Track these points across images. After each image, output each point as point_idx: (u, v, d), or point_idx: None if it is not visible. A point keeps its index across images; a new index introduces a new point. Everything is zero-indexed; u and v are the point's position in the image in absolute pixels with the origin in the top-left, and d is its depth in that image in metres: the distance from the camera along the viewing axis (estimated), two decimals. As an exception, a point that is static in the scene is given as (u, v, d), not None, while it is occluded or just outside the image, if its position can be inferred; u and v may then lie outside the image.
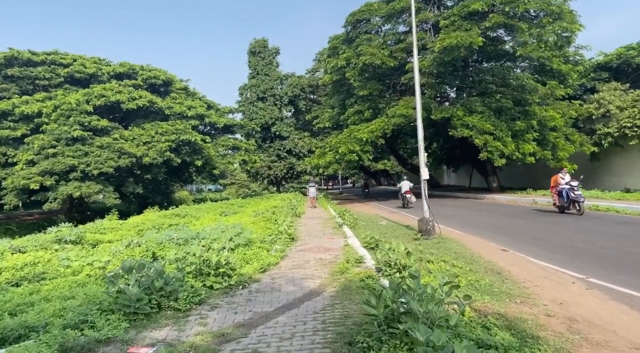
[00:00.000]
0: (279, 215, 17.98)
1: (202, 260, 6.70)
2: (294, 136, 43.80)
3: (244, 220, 17.32)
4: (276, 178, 45.07)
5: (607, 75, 28.05)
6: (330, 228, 14.34)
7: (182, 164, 32.60)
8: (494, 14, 21.70)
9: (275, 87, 44.63)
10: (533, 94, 25.71)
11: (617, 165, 27.83)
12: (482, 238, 11.26)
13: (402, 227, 14.20)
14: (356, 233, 12.90)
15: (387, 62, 25.27)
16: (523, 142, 24.87)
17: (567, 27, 21.26)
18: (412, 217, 17.78)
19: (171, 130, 29.47)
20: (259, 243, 10.00)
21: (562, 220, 13.96)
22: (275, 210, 20.19)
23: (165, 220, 18.72)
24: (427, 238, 11.22)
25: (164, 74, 33.22)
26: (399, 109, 24.97)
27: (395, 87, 27.12)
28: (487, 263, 7.97)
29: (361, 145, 25.37)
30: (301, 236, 12.54)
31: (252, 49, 45.23)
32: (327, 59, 29.45)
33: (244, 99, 45.28)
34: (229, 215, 22.21)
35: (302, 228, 14.46)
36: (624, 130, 25.22)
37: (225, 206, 26.97)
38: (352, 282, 6.62)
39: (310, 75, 45.93)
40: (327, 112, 38.36)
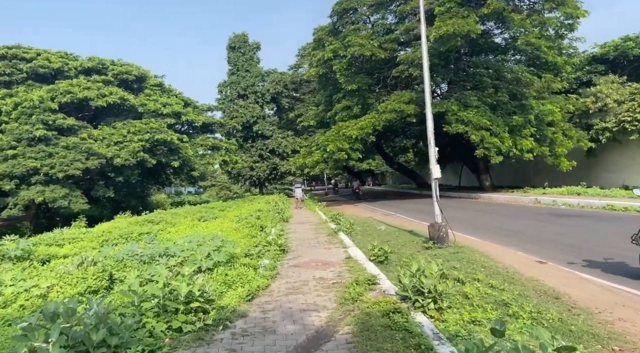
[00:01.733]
0: (264, 221, 16.20)
1: (169, 291, 4.90)
2: (277, 135, 41.89)
3: (225, 227, 15.47)
4: (259, 179, 43.11)
5: (604, 68, 26.99)
6: (325, 235, 12.61)
7: (157, 166, 30.46)
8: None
9: (257, 83, 42.67)
10: (529, 88, 24.43)
11: (614, 162, 26.75)
12: (503, 245, 9.68)
13: (405, 232, 12.56)
14: (355, 241, 11.20)
15: (377, 53, 23.66)
16: (520, 138, 23.59)
17: (571, 13, 19.96)
18: (413, 220, 16.19)
19: (145, 129, 27.35)
20: (243, 258, 8.22)
21: (584, 222, 12.50)
22: (260, 214, 18.38)
23: (135, 227, 16.73)
24: (441, 247, 9.59)
25: (136, 69, 31.01)
26: (390, 104, 23.38)
27: (386, 81, 25.50)
28: (532, 282, 6.35)
29: (350, 143, 23.71)
30: (293, 246, 10.78)
31: (231, 44, 43.16)
32: (312, 52, 27.73)
33: (224, 96, 43.18)
34: (208, 220, 20.29)
35: (292, 236, 12.69)
36: (623, 124, 24.11)
37: (204, 210, 25.02)
38: (371, 318, 4.90)
39: (294, 72, 44.09)
40: (312, 110, 36.60)
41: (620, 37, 26.64)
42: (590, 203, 16.30)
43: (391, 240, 11.26)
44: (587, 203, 16.35)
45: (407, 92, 24.05)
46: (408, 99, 23.34)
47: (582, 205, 16.45)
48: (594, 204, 16.03)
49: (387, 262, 8.27)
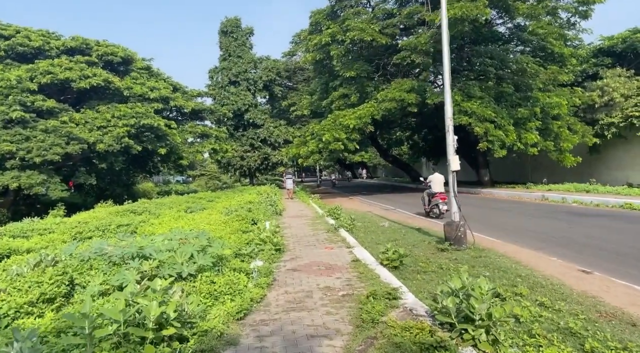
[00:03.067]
0: (256, 213, 14.91)
1: (134, 312, 3.64)
2: (269, 124, 40.43)
3: (213, 219, 14.17)
4: (249, 169, 41.68)
5: (610, 61, 25.95)
6: (324, 231, 11.38)
7: (144, 152, 28.92)
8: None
9: (249, 70, 41.06)
10: (535, 79, 23.32)
11: (619, 158, 25.83)
12: (530, 249, 8.53)
13: (412, 230, 11.38)
14: (359, 239, 9.99)
15: (377, 39, 22.32)
16: (525, 132, 22.53)
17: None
18: (416, 216, 15.02)
19: (130, 114, 25.79)
20: (233, 260, 6.97)
21: (609, 222, 11.42)
22: (251, 206, 17.08)
23: (115, 218, 15.37)
24: (459, 249, 8.43)
25: (122, 50, 29.30)
26: (390, 92, 22.13)
27: (386, 68, 24.22)
28: (588, 300, 5.19)
29: (348, 133, 22.45)
30: (289, 244, 9.54)
31: (223, 29, 41.44)
32: (308, 36, 26.28)
33: (214, 82, 41.52)
34: (195, 211, 18.95)
35: (288, 232, 11.45)
36: (631, 119, 23.14)
37: (192, 200, 23.63)
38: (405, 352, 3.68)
39: (287, 59, 42.55)
40: (306, 99, 35.20)
41: (629, 29, 25.59)
42: (605, 201, 15.27)
43: (399, 239, 10.08)
44: (601, 202, 15.31)
45: (409, 80, 22.84)
46: (409, 87, 22.11)
47: (596, 203, 15.41)
48: (609, 202, 15.01)
49: (401, 266, 7.07)
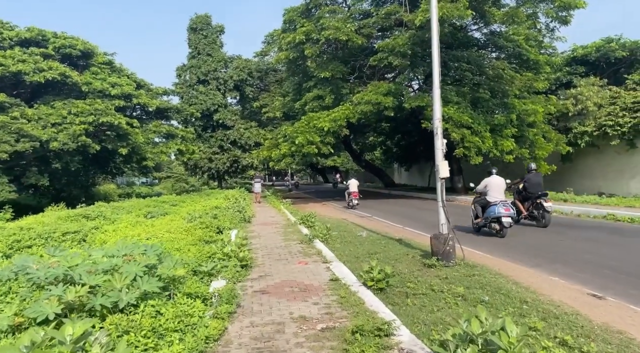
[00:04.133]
0: (222, 220, 13.74)
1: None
2: (239, 125, 39.07)
3: (174, 227, 12.94)
4: (218, 172, 40.18)
5: (584, 70, 25.99)
6: (297, 242, 10.33)
7: (104, 152, 27.20)
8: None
9: (219, 69, 39.63)
10: (511, 85, 22.99)
11: (590, 167, 25.85)
12: (526, 266, 7.73)
13: (392, 241, 10.46)
14: (336, 252, 8.99)
15: (353, 39, 21.50)
16: (501, 138, 22.13)
17: (569, 3, 18.43)
18: (394, 225, 14.17)
19: (88, 111, 24.07)
20: (190, 280, 5.84)
21: (601, 235, 10.81)
22: (217, 212, 15.86)
23: (64, 224, 13.91)
24: (448, 266, 7.54)
25: (82, 43, 27.49)
26: (366, 95, 21.31)
27: (362, 70, 23.41)
28: (616, 336, 4.34)
29: (322, 136, 21.50)
30: (258, 258, 8.45)
31: (192, 26, 39.91)
32: (281, 34, 25.22)
33: (182, 81, 39.92)
34: (156, 217, 17.60)
35: (256, 243, 10.33)
36: (604, 128, 23.11)
37: (154, 204, 22.18)
38: None
39: (260, 59, 41.35)
40: (278, 100, 34.12)
41: (602, 39, 25.71)
42: (586, 211, 14.81)
43: (379, 251, 9.14)
44: (582, 212, 14.84)
45: (385, 83, 22.11)
46: (386, 90, 21.35)
47: (577, 213, 14.94)
48: (591, 212, 14.54)
49: (388, 288, 6.10)
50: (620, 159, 23.86)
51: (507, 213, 10.65)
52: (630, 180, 23.44)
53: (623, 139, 22.77)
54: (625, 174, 23.71)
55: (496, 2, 23.73)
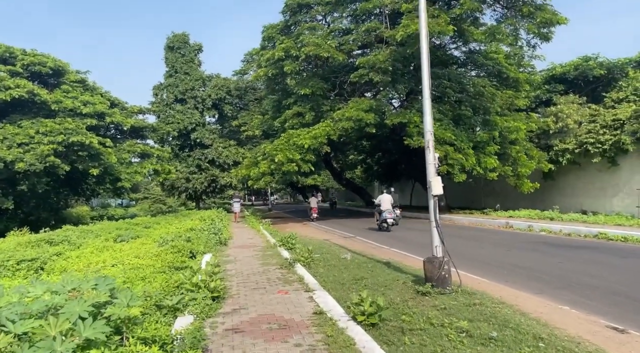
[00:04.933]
0: (196, 244, 12.81)
1: None
2: (217, 144, 38.11)
3: (144, 251, 12.01)
4: (195, 192, 38.97)
5: (563, 88, 26.09)
6: (276, 267, 9.50)
7: (75, 173, 25.95)
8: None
9: (197, 88, 38.80)
10: (493, 102, 22.83)
11: (572, 185, 25.69)
12: (529, 292, 7.09)
13: (379, 264, 9.72)
14: (320, 278, 8.20)
15: (334, 55, 21.10)
16: (484, 156, 21.85)
17: (549, 19, 18.36)
18: (380, 246, 13.45)
19: (58, 130, 22.94)
20: (151, 316, 4.98)
21: (598, 256, 10.28)
22: (191, 235, 14.91)
23: (22, 250, 12.78)
24: (444, 293, 6.82)
25: (52, 61, 26.42)
26: (347, 111, 20.79)
27: (342, 87, 22.95)
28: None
29: (302, 154, 20.82)
30: (233, 286, 7.58)
31: (169, 44, 39.15)
32: (260, 52, 24.69)
33: (159, 100, 38.93)
34: (126, 240, 16.52)
35: (232, 269, 9.45)
36: (586, 146, 23.01)
37: (126, 226, 21.02)
38: None
39: (239, 78, 40.74)
40: (258, 119, 33.45)
41: (579, 57, 25.93)
42: (576, 230, 14.35)
43: (366, 276, 8.38)
44: (572, 231, 14.39)
45: (366, 100, 21.69)
46: (367, 106, 20.89)
47: (567, 232, 14.48)
48: (581, 231, 14.09)
49: (380, 321, 5.33)
50: (602, 176, 23.75)
51: (390, 217, 17.53)
52: (613, 198, 23.29)
53: (604, 157, 22.68)
54: (608, 192, 23.56)
55: (475, 21, 23.78)
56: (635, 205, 21.06)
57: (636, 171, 22.09)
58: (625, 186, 22.69)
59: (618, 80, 24.73)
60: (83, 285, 5.02)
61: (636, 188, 21.55)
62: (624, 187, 22.78)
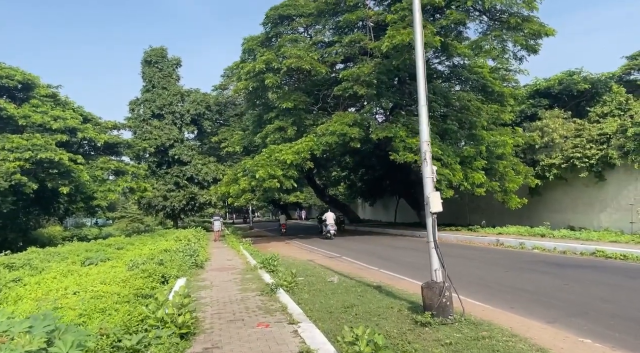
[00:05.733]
0: (169, 267, 11.78)
1: None
2: (196, 161, 36.95)
3: (112, 276, 10.96)
4: (173, 210, 37.59)
5: (547, 102, 25.93)
6: (256, 293, 8.55)
7: (45, 192, 24.57)
8: (451, 9, 17.90)
9: (175, 103, 37.72)
10: (479, 117, 22.43)
11: (559, 201, 25.35)
12: (538, 320, 6.31)
13: (369, 288, 8.86)
14: (305, 305, 7.31)
15: (317, 67, 20.49)
16: (471, 171, 21.32)
17: (538, 31, 18.08)
18: (368, 267, 12.60)
19: (25, 146, 21.68)
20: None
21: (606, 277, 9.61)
22: (165, 256, 13.84)
23: (-25, 277, 11.56)
24: (446, 323, 6.01)
25: (20, 74, 25.19)
26: (331, 126, 20.10)
27: (326, 100, 22.29)
28: None
29: (284, 169, 19.97)
30: (206, 319, 6.62)
31: (147, 58, 38.13)
32: (240, 64, 23.96)
33: (135, 115, 37.71)
34: (95, 263, 15.37)
35: (206, 296, 8.47)
36: (572, 160, 22.72)
37: (97, 248, 19.79)
38: None
39: (218, 93, 39.88)
40: (238, 134, 32.55)
41: (563, 71, 25.86)
42: (571, 247, 13.72)
43: (356, 303, 7.52)
44: (567, 248, 13.75)
45: (351, 113, 21.06)
46: (352, 120, 20.25)
47: (562, 250, 13.83)
48: (576, 249, 13.45)
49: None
50: (589, 191, 23.47)
51: (333, 229, 23.78)
52: (600, 213, 22.98)
53: (591, 171, 22.43)
54: (595, 207, 23.26)
55: (458, 35, 23.55)
56: (626, 221, 20.70)
57: (623, 186, 21.84)
58: (612, 201, 22.41)
59: (602, 95, 24.64)
60: (16, 328, 4.06)
61: (626, 203, 21.25)
62: (611, 202, 22.50)
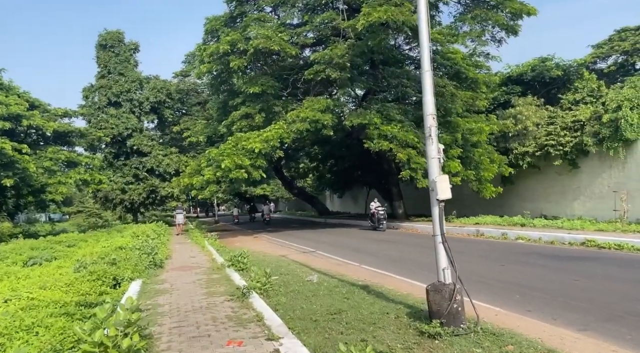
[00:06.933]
0: (123, 267, 10.30)
1: None
2: (157, 152, 34.85)
3: (54, 280, 9.44)
4: (133, 204, 35.43)
5: (520, 89, 25.50)
6: (225, 298, 7.27)
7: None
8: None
9: (133, 90, 35.39)
10: (454, 103, 21.69)
11: (531, 190, 25.03)
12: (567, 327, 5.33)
13: (355, 288, 7.74)
14: (283, 311, 6.12)
15: (286, 49, 19.11)
16: (447, 159, 20.50)
17: (520, 9, 17.31)
18: (347, 262, 11.48)
19: (-40, 134, 19.44)
20: None
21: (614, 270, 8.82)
22: (120, 255, 12.31)
23: None
24: (458, 334, 4.95)
25: (-43, 53, 22.77)
26: (302, 112, 18.82)
27: (296, 85, 20.92)
28: None
29: (252, 159, 18.57)
30: (162, 336, 5.29)
31: (102, 42, 35.53)
32: (203, 46, 22.27)
33: (90, 103, 35.18)
34: (40, 264, 13.68)
35: (164, 304, 7.11)
36: (547, 148, 22.35)
37: (45, 246, 17.95)
38: None
39: (179, 80, 37.78)
40: (201, 123, 30.79)
41: (536, 58, 25.49)
42: (557, 237, 13.06)
43: (343, 308, 6.38)
44: (554, 238, 13.08)
45: (323, 99, 19.81)
46: (324, 106, 19.05)
47: (548, 240, 13.15)
48: (564, 239, 12.80)
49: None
50: (561, 180, 23.19)
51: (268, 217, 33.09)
52: (573, 202, 22.72)
53: (565, 159, 22.12)
54: (568, 196, 23.00)
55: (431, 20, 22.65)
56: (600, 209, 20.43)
57: (597, 174, 21.59)
58: (586, 189, 22.16)
59: (573, 82, 24.41)
60: None
61: (600, 191, 21.02)
62: (585, 191, 22.25)
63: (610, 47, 29.13)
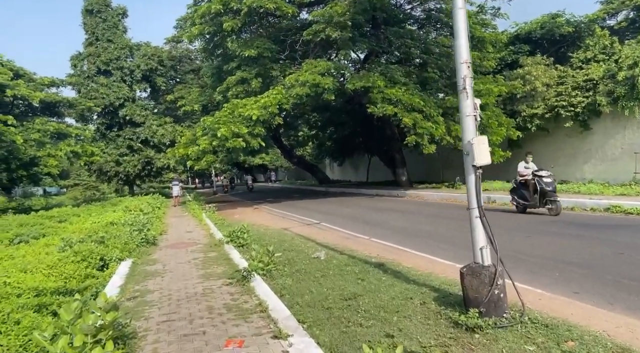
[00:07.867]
0: (111, 247, 9.47)
1: None
2: (151, 122, 33.64)
3: (39, 259, 8.63)
4: (128, 176, 34.50)
5: (529, 48, 24.19)
6: (222, 281, 6.45)
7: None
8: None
9: (123, 57, 33.85)
10: (461, 64, 20.46)
11: (539, 153, 23.92)
12: (623, 313, 4.50)
13: (368, 266, 6.91)
14: (290, 297, 5.30)
15: (282, 7, 17.78)
16: (454, 123, 19.60)
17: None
18: (354, 235, 10.65)
19: (-60, 105, 18.30)
20: None
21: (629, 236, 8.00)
22: (110, 231, 11.48)
23: None
24: (502, 325, 4.13)
25: None
26: (302, 75, 17.63)
27: (294, 47, 19.64)
28: None
29: (250, 127, 17.54)
30: (149, 333, 4.47)
31: (88, 7, 33.70)
32: (194, 7, 20.85)
33: (79, 72, 33.71)
34: (26, 241, 12.84)
35: (154, 290, 6.27)
36: (557, 110, 21.32)
37: (34, 221, 17.10)
38: None
39: (171, 46, 36.15)
40: (196, 91, 29.52)
41: (545, 14, 24.06)
42: (578, 203, 12.26)
43: (359, 293, 5.57)
44: (574, 204, 12.28)
45: (323, 61, 18.60)
46: (324, 69, 17.88)
47: (567, 206, 12.28)
48: (585, 204, 12.00)
49: None
50: (571, 142, 22.26)
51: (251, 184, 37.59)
52: (584, 165, 21.86)
53: (577, 120, 21.12)
54: (578, 158, 22.11)
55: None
56: (612, 172, 19.62)
57: (610, 135, 20.63)
58: (598, 152, 21.25)
59: (584, 39, 23.11)
60: None
61: (612, 153, 20.14)
62: (596, 153, 21.35)
63: (621, 2, 27.59)
